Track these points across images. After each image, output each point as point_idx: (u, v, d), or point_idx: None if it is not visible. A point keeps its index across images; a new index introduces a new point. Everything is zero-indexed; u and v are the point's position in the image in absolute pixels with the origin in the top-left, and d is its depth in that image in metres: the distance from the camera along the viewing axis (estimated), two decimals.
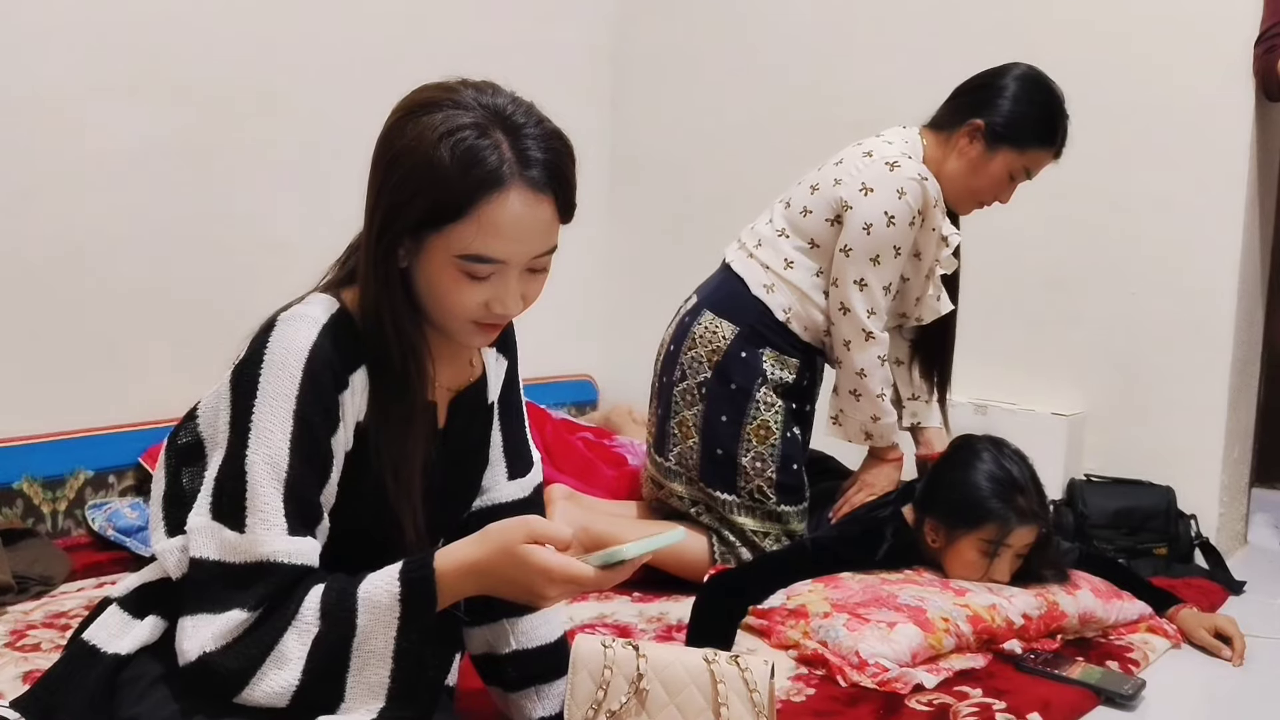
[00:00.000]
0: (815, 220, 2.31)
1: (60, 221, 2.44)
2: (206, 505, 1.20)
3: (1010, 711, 1.77)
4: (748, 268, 2.35)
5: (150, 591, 1.29)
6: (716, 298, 2.37)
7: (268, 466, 1.18)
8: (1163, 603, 2.21)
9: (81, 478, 2.50)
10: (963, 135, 2.28)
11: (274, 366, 1.20)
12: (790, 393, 2.33)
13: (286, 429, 1.19)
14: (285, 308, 1.27)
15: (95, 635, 1.27)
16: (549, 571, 1.17)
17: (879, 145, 2.30)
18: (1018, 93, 2.25)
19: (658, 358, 2.47)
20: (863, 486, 2.41)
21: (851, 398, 2.34)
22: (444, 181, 1.17)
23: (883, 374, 2.33)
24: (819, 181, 2.33)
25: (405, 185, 1.18)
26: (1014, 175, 2.30)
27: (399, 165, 1.19)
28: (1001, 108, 2.25)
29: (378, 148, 1.23)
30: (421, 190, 1.17)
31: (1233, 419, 2.80)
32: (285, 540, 1.18)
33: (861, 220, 2.24)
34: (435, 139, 1.17)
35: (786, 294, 2.32)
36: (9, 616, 2.03)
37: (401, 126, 1.20)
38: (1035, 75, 2.29)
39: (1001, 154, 2.27)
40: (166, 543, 1.26)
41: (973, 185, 2.30)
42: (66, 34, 2.41)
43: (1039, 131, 2.26)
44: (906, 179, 2.23)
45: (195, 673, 1.17)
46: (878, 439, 2.40)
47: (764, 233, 2.38)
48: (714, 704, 1.36)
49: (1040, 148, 2.27)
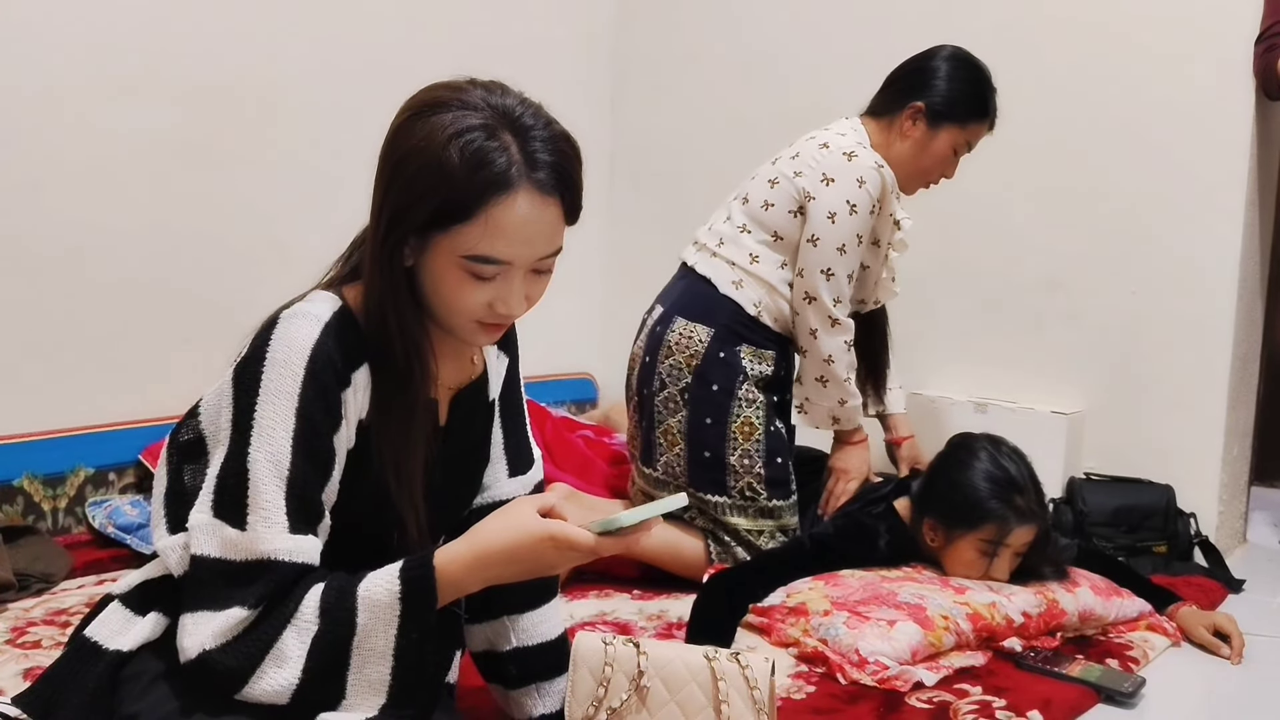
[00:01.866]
0: (778, 213, 2.35)
1: (62, 219, 2.44)
2: (208, 502, 1.20)
3: (1010, 709, 1.77)
4: (713, 267, 2.38)
5: (152, 588, 1.29)
6: (685, 302, 2.38)
7: (270, 464, 1.18)
8: (1162, 601, 2.21)
9: (82, 475, 2.50)
10: (905, 118, 2.37)
11: (276, 364, 1.20)
12: (770, 385, 2.36)
13: (289, 426, 1.19)
14: (287, 305, 1.27)
15: (97, 632, 1.27)
16: (554, 538, 1.18)
17: (832, 137, 2.36)
18: (950, 72, 2.36)
19: (630, 371, 2.48)
20: (838, 475, 2.46)
21: (818, 384, 2.38)
22: (452, 182, 1.16)
23: (849, 359, 2.38)
24: (776, 175, 2.37)
25: (413, 185, 1.18)
26: (957, 150, 2.40)
27: (407, 165, 1.19)
28: (938, 88, 2.36)
29: (385, 147, 1.23)
30: (429, 191, 1.17)
31: (1232, 417, 2.80)
32: (286, 538, 1.18)
33: (825, 210, 2.29)
34: (444, 140, 1.16)
35: (755, 288, 2.35)
36: (10, 614, 2.03)
37: (410, 126, 1.20)
38: (962, 54, 2.39)
39: (944, 131, 2.37)
40: (168, 540, 1.26)
41: (920, 165, 2.40)
42: (70, 33, 2.41)
43: (975, 106, 2.37)
44: (865, 168, 2.30)
45: (195, 670, 1.17)
46: (845, 422, 2.44)
47: (725, 231, 2.41)
48: (715, 701, 1.36)
49: (978, 121, 2.38)
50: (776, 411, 2.38)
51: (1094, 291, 2.89)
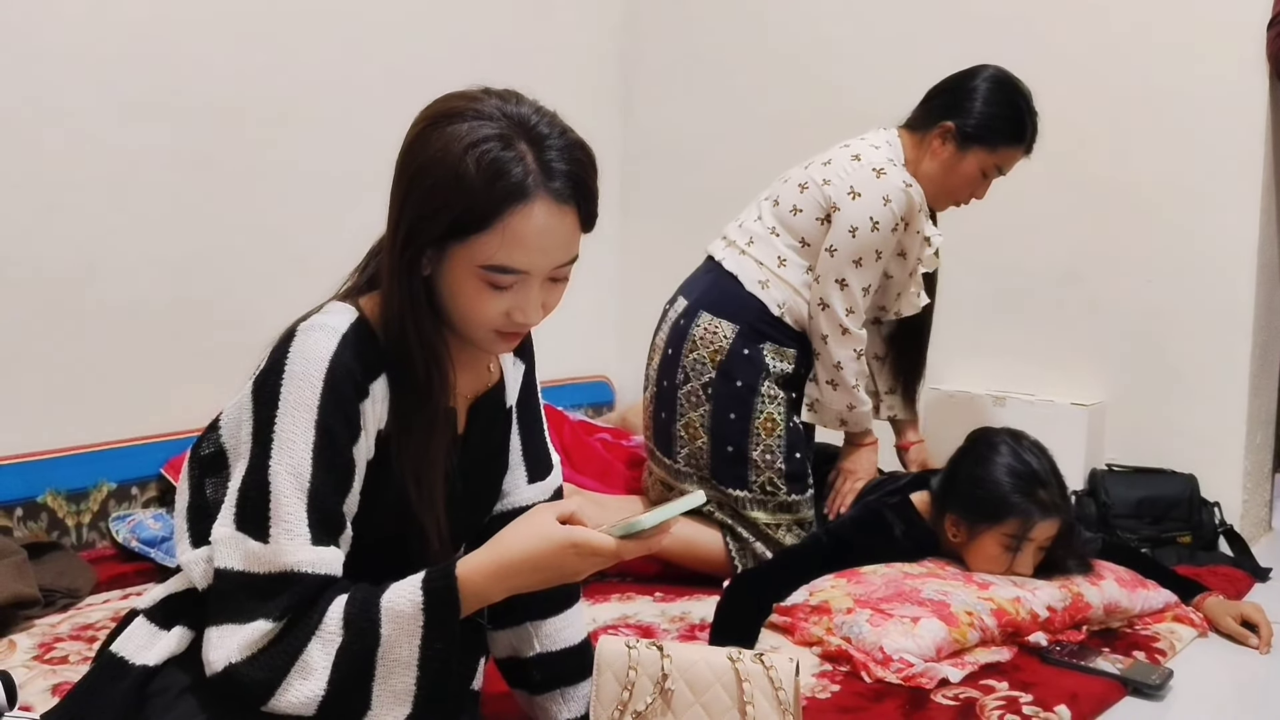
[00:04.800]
0: (805, 219, 2.36)
1: (80, 237, 2.46)
2: (230, 516, 1.20)
3: (1037, 704, 1.76)
4: (741, 265, 2.39)
5: (176, 602, 1.30)
6: (711, 297, 2.39)
7: (291, 477, 1.19)
8: (1188, 591, 2.20)
9: (105, 490, 2.52)
10: (935, 137, 2.36)
11: (295, 377, 1.20)
12: (790, 383, 2.39)
13: (309, 439, 1.19)
14: (304, 317, 1.27)
15: (123, 647, 1.28)
16: (576, 545, 1.19)
17: (865, 149, 2.36)
18: (987, 94, 2.33)
19: (649, 363, 2.50)
20: (846, 475, 2.47)
21: (829, 387, 2.40)
22: (469, 193, 1.17)
23: (858, 367, 2.39)
24: (807, 180, 2.38)
25: (431, 197, 1.18)
26: (986, 173, 2.38)
27: (424, 176, 1.19)
28: (972, 110, 2.33)
29: (401, 158, 1.23)
30: (447, 202, 1.18)
31: (1254, 405, 2.78)
32: (309, 550, 1.19)
33: (848, 223, 2.31)
34: (460, 150, 1.17)
35: (780, 289, 2.37)
36: (36, 630, 2.04)
37: (426, 137, 1.20)
38: (1003, 76, 2.35)
39: (973, 154, 2.35)
40: (192, 554, 1.26)
41: (948, 185, 2.38)
42: (81, 51, 2.42)
43: (1009, 131, 2.34)
44: (893, 187, 2.30)
45: (222, 683, 1.17)
46: (853, 426, 2.46)
47: (755, 230, 2.42)
48: (739, 703, 1.36)
49: (1010, 146, 2.35)
50: (796, 408, 2.41)
51: (1112, 281, 2.88)
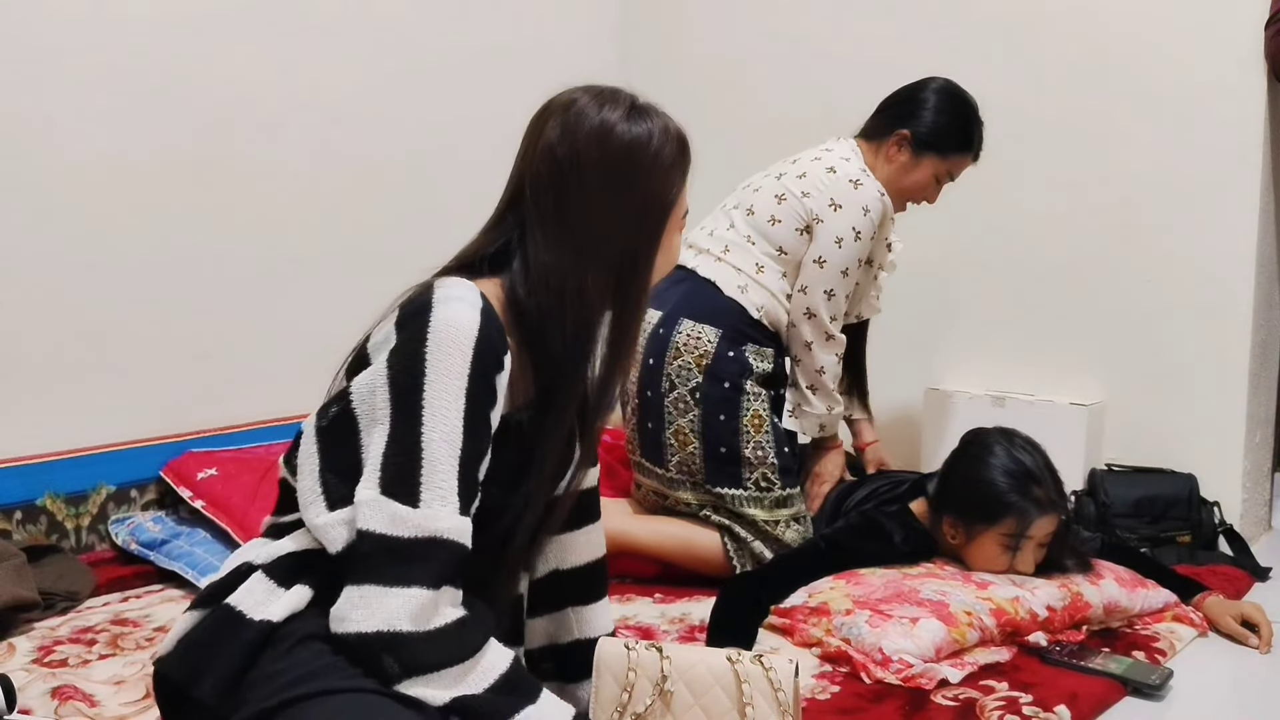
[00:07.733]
0: (784, 230, 2.43)
1: (78, 240, 2.46)
2: (374, 479, 1.21)
3: (1037, 704, 1.76)
4: (719, 271, 2.44)
5: (297, 561, 1.29)
6: (690, 304, 2.42)
7: (445, 443, 1.21)
8: (1188, 591, 2.20)
9: (104, 493, 2.52)
10: (891, 144, 2.47)
11: (442, 345, 1.22)
12: (770, 381, 2.44)
13: (459, 406, 1.22)
14: (424, 289, 1.29)
15: (241, 601, 1.26)
16: None
17: (837, 161, 2.45)
18: (938, 105, 2.45)
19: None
20: (815, 478, 2.55)
21: (809, 392, 2.47)
22: (678, 176, 1.38)
23: (837, 370, 2.50)
24: (783, 192, 2.44)
25: (633, 196, 1.33)
26: (939, 178, 2.50)
27: (631, 183, 1.33)
28: (924, 119, 2.45)
29: (583, 175, 1.32)
30: (651, 193, 1.35)
31: (1253, 404, 2.78)
32: (456, 518, 1.21)
33: (833, 235, 2.39)
34: (660, 144, 1.36)
35: (759, 293, 2.43)
36: (36, 633, 2.04)
37: (626, 131, 1.35)
38: (952, 88, 2.48)
39: (927, 160, 2.46)
40: (327, 516, 1.25)
41: (902, 189, 2.49)
42: (75, 59, 2.42)
43: (958, 139, 2.46)
44: (870, 197, 2.40)
45: (373, 642, 1.17)
46: (829, 429, 2.54)
47: (730, 238, 2.47)
48: (739, 704, 1.35)
49: (960, 153, 2.48)
50: (776, 406, 2.47)
51: (1110, 281, 2.87)
